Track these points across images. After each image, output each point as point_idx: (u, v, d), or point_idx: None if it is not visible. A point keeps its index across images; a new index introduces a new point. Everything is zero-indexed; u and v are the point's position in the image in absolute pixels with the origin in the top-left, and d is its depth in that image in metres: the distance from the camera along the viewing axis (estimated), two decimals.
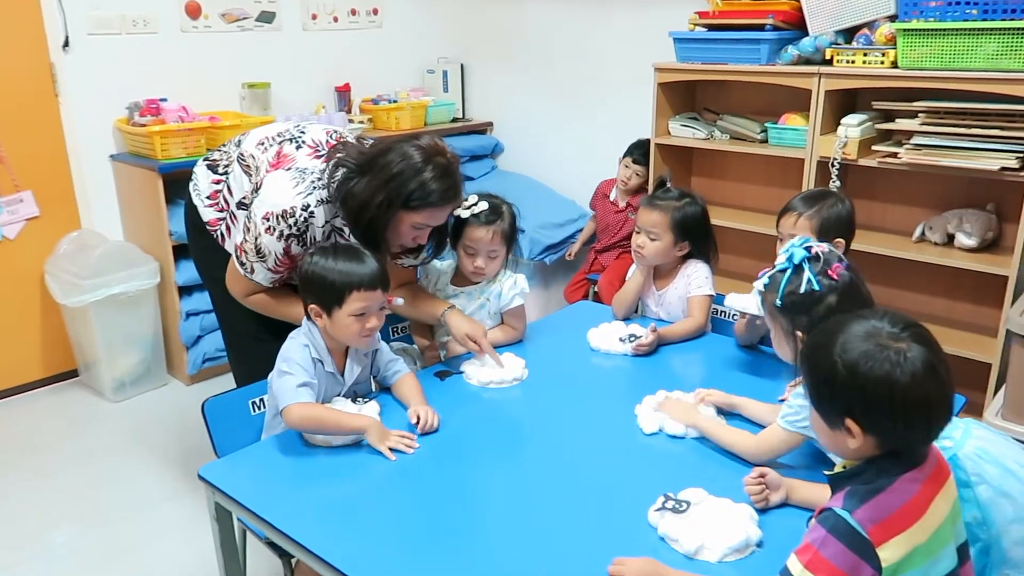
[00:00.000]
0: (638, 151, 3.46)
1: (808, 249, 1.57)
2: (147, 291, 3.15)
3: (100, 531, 2.42)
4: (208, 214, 2.03)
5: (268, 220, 1.82)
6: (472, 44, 4.33)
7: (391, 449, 1.62)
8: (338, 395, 1.82)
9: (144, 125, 3.14)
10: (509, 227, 2.10)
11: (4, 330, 3.18)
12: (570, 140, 4.04)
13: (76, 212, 3.30)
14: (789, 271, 1.57)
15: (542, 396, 1.91)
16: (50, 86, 3.14)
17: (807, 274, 1.52)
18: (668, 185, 2.27)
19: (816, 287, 1.51)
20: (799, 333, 1.52)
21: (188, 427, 2.91)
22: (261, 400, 1.87)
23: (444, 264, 2.23)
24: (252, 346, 2.04)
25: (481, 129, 4.35)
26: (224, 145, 2.08)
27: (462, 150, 4.14)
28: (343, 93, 3.98)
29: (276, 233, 1.83)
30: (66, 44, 3.12)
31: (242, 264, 1.90)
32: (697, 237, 2.24)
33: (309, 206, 1.83)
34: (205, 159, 2.07)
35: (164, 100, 3.29)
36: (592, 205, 3.74)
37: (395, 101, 4.04)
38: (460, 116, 4.38)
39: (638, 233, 2.25)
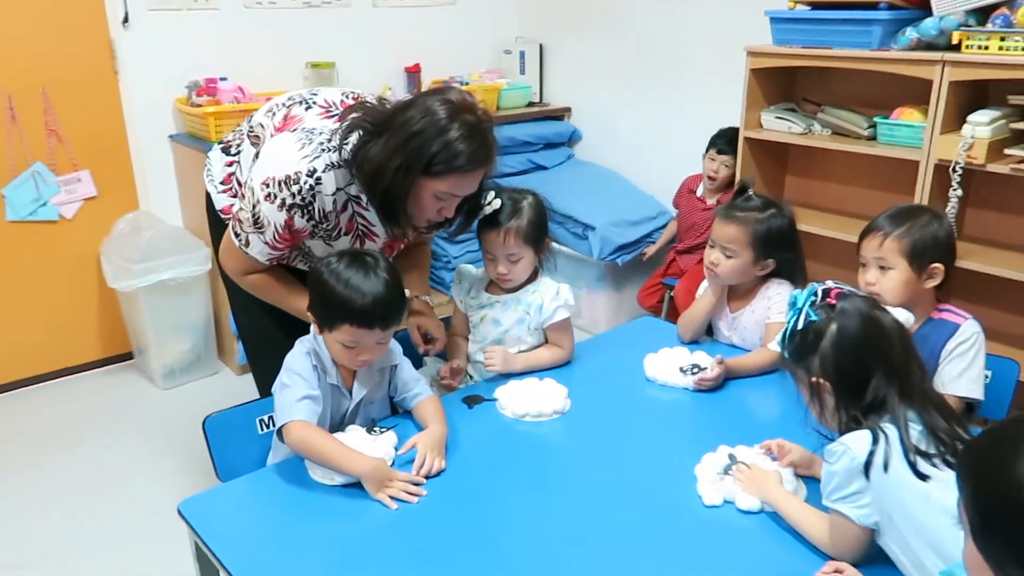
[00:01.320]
0: (722, 140, 3.11)
1: (821, 293, 1.32)
2: (198, 278, 3.05)
3: (136, 521, 2.33)
4: (222, 201, 1.85)
5: (268, 186, 1.59)
6: (553, 23, 4.03)
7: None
8: (346, 411, 1.62)
9: (200, 105, 3.03)
10: (530, 225, 1.83)
11: (62, 311, 3.16)
12: (653, 130, 3.70)
13: (134, 193, 3.23)
14: (793, 318, 1.33)
15: (585, 435, 1.65)
16: (109, 64, 3.06)
17: (805, 309, 1.30)
18: (750, 193, 1.95)
19: (813, 317, 1.28)
20: (820, 380, 1.27)
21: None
22: (270, 418, 1.69)
23: (479, 270, 1.99)
24: (274, 355, 1.86)
25: (558, 115, 4.07)
26: (240, 124, 1.89)
27: (537, 137, 3.88)
28: (412, 74, 3.77)
29: (277, 201, 1.59)
30: (126, 20, 3.03)
31: (236, 235, 1.68)
32: (782, 255, 1.92)
33: (316, 171, 1.58)
34: (220, 142, 1.89)
35: (224, 80, 3.17)
36: (676, 202, 3.40)
37: (467, 83, 3.81)
38: (536, 100, 4.10)
39: (712, 248, 1.95)
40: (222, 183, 1.84)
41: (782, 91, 2.94)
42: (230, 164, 1.84)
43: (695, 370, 1.82)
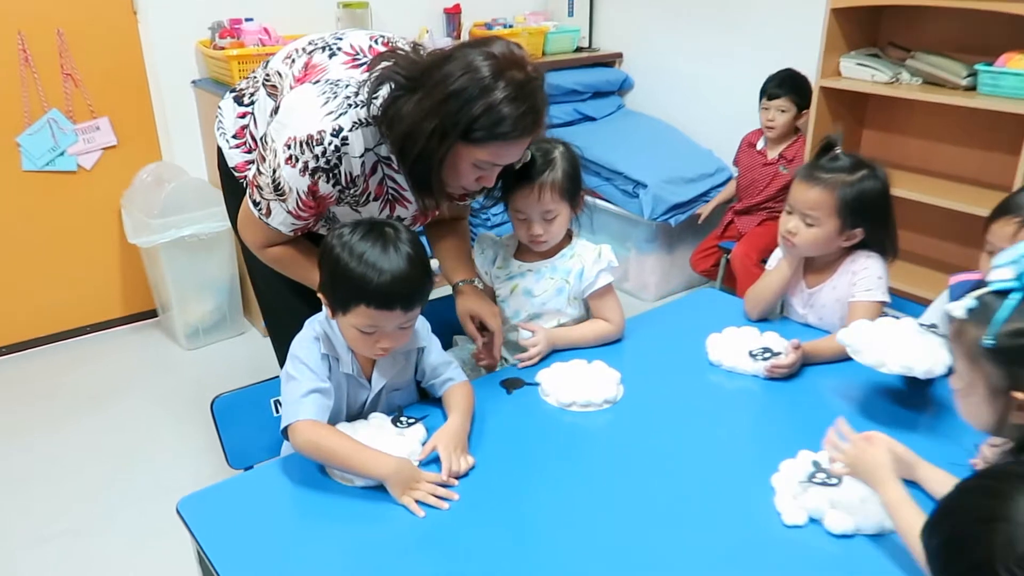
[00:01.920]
0: (771, 83, 2.82)
1: None
2: (222, 234, 2.88)
3: (160, 492, 2.20)
4: (235, 157, 1.64)
5: (290, 147, 1.38)
6: None
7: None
8: (365, 401, 1.42)
9: (223, 48, 2.82)
10: (565, 177, 1.60)
11: (83, 266, 3.02)
12: (713, 79, 3.39)
13: (156, 142, 3.05)
14: (1020, 297, 1.00)
15: (639, 430, 1.43)
16: (128, 2, 2.85)
17: None
18: (837, 151, 1.67)
19: None
20: (1019, 395, 0.99)
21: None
22: None
23: (505, 236, 1.76)
24: (297, 330, 1.67)
25: (609, 61, 3.76)
26: (255, 70, 1.66)
27: (585, 85, 3.59)
28: (452, 16, 3.50)
29: (299, 165, 1.39)
30: None
31: (256, 204, 1.48)
32: (872, 224, 1.65)
33: (341, 130, 1.37)
34: (232, 90, 1.67)
35: (250, 20, 2.95)
36: (736, 159, 3.11)
37: (510, 26, 3.53)
38: (585, 45, 3.81)
39: (789, 214, 1.69)
40: (234, 136, 1.63)
41: (866, 34, 2.61)
42: (243, 115, 1.62)
43: (767, 355, 1.58)
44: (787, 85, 2.80)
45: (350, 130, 1.37)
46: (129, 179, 2.95)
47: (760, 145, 2.97)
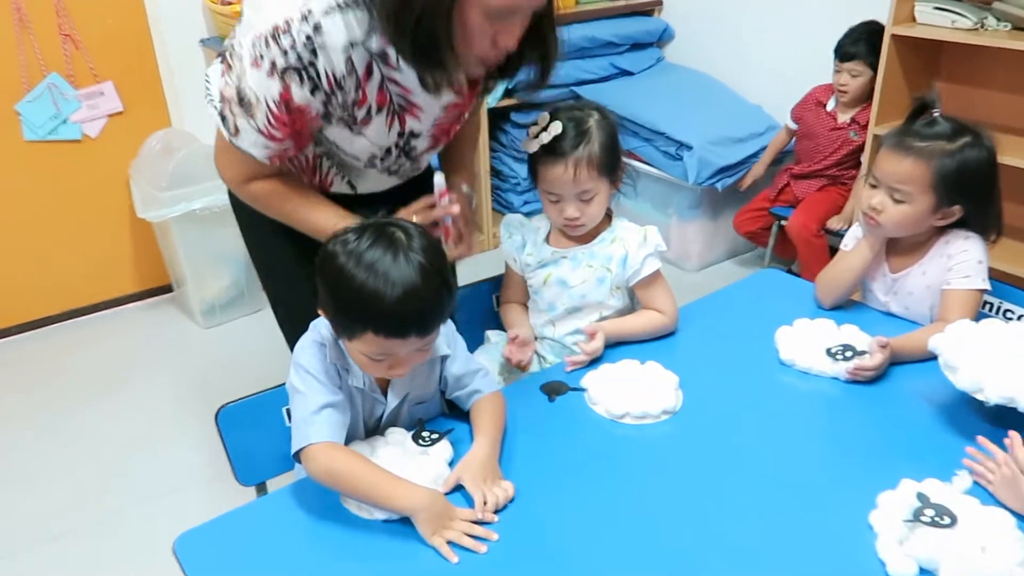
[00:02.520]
0: (847, 40, 2.53)
1: None
2: None
3: (177, 484, 2.08)
4: None
5: (255, 46, 1.14)
6: None
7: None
8: (382, 415, 1.24)
9: (230, 3, 2.60)
10: (603, 150, 1.39)
11: (93, 240, 2.86)
12: (763, 27, 3.10)
13: (164, 107, 2.86)
14: None
15: (704, 445, 1.24)
16: None
17: None
18: (935, 113, 1.43)
19: None
20: None
21: (279, 362, 2.50)
22: None
23: (535, 217, 1.56)
24: (302, 302, 1.42)
25: (646, 10, 3.47)
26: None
27: (622, 36, 3.32)
28: None
29: (266, 65, 1.14)
30: None
31: (224, 120, 1.25)
32: (974, 201, 1.42)
33: (312, 13, 1.11)
34: (219, 53, 1.45)
35: None
36: (797, 115, 2.80)
37: None
38: None
39: (874, 188, 1.45)
40: (221, 101, 1.42)
41: None
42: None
43: (848, 354, 1.37)
44: (865, 43, 2.48)
45: (325, 14, 1.12)
46: (137, 148, 2.77)
47: (830, 106, 2.68)
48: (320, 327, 1.19)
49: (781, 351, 1.43)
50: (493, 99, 3.12)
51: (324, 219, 1.31)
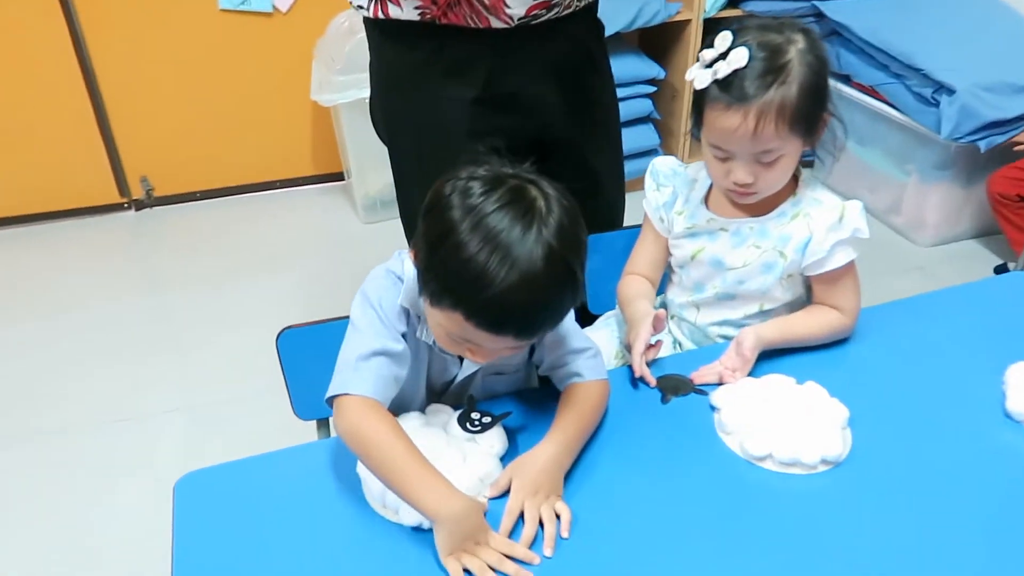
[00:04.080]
0: None
1: None
2: None
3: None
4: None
5: None
6: None
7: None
8: (452, 380, 1.02)
9: None
10: (803, 93, 0.99)
11: (273, 117, 2.83)
12: None
13: None
14: None
15: (879, 515, 0.88)
16: None
17: None
18: None
19: None
20: None
21: None
22: None
23: (691, 168, 1.18)
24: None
25: None
26: None
27: None
28: None
29: None
30: None
31: None
32: None
33: None
34: None
35: None
36: None
37: None
38: None
39: None
40: None
41: None
42: None
43: None
44: None
45: None
46: (324, 26, 2.66)
47: None
48: (406, 258, 0.97)
49: (1009, 398, 1.01)
50: (712, 5, 2.66)
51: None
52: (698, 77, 1.02)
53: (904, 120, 2.44)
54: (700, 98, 1.03)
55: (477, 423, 0.93)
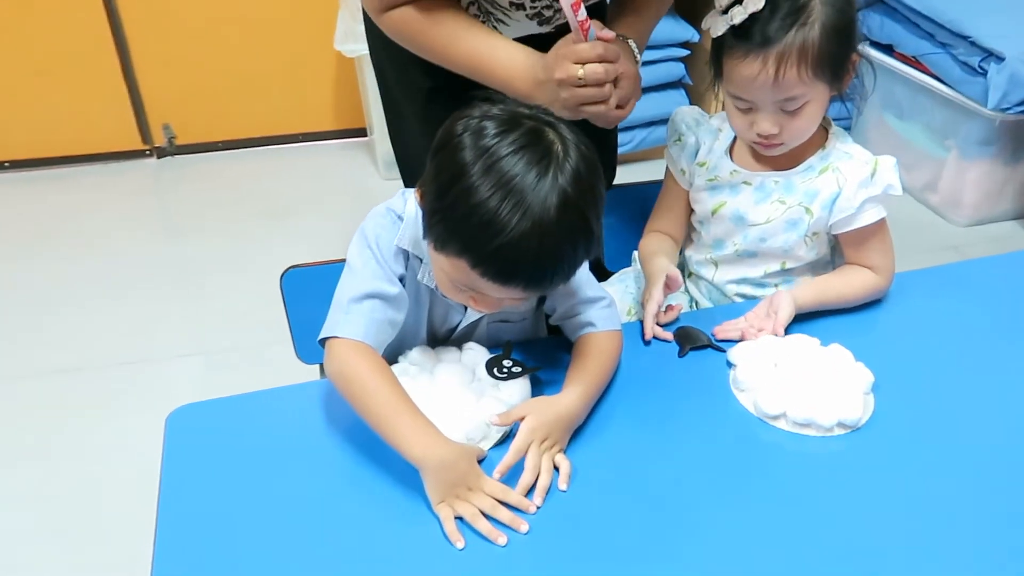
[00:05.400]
0: None
1: None
2: None
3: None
4: None
5: None
6: None
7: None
8: (456, 326, 0.98)
9: None
10: (826, 34, 0.92)
11: (299, 68, 2.79)
12: None
13: None
14: None
15: (898, 485, 0.83)
16: None
17: None
18: None
19: None
20: None
21: None
22: None
23: (715, 119, 1.12)
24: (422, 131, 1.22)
25: None
26: None
27: None
28: None
29: None
30: None
31: None
32: None
33: None
34: None
35: None
36: None
37: None
38: None
39: None
40: None
41: None
42: None
43: None
44: None
45: None
46: None
47: None
48: (410, 197, 0.93)
49: None
50: None
51: (474, 45, 1.00)
52: (714, 24, 0.96)
53: (948, 92, 2.34)
54: (718, 47, 0.98)
55: (505, 371, 0.90)
